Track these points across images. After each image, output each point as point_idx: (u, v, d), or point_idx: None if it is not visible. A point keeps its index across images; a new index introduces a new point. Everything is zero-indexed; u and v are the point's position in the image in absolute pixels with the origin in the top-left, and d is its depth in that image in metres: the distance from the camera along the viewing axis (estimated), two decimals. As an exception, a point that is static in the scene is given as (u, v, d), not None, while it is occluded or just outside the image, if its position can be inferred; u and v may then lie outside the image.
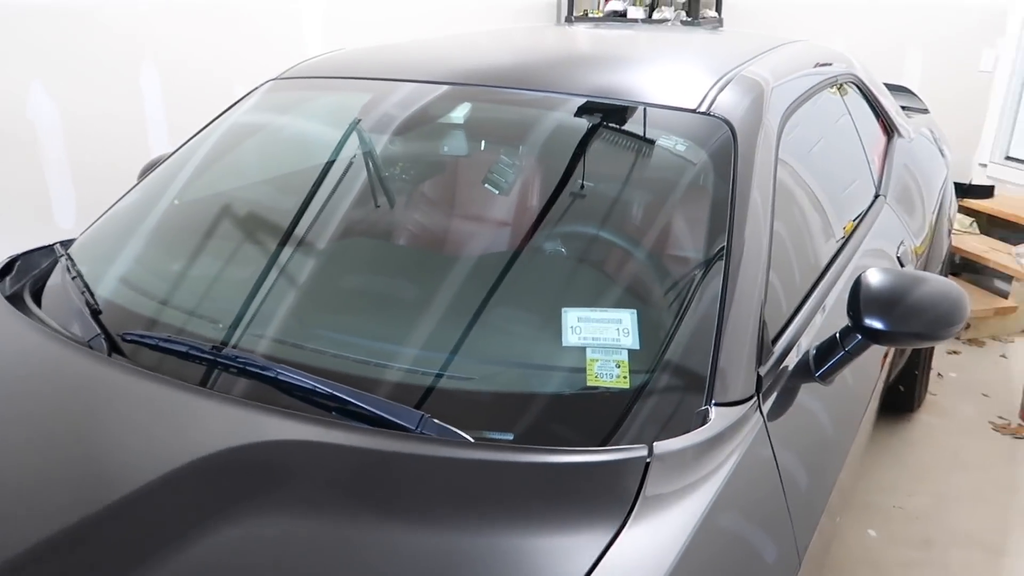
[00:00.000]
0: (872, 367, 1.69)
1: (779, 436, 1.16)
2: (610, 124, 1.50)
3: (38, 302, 1.43)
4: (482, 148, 1.78)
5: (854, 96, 2.30)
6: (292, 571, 0.85)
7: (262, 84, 1.92)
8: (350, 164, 1.68)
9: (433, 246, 1.62)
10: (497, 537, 0.88)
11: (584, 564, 0.84)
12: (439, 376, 1.17)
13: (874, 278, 1.24)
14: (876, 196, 2.16)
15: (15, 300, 1.40)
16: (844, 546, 2.16)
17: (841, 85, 2.18)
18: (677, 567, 0.88)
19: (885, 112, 2.50)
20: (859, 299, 1.22)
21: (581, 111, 1.52)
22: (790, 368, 1.27)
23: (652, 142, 1.49)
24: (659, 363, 1.15)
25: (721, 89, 1.51)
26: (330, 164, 1.67)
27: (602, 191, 1.48)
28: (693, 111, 1.47)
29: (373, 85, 1.75)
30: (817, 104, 1.91)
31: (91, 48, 3.03)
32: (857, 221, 1.93)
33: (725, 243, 1.27)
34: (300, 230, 1.51)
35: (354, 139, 1.73)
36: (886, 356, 1.89)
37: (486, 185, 1.62)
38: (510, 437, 1.06)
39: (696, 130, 1.47)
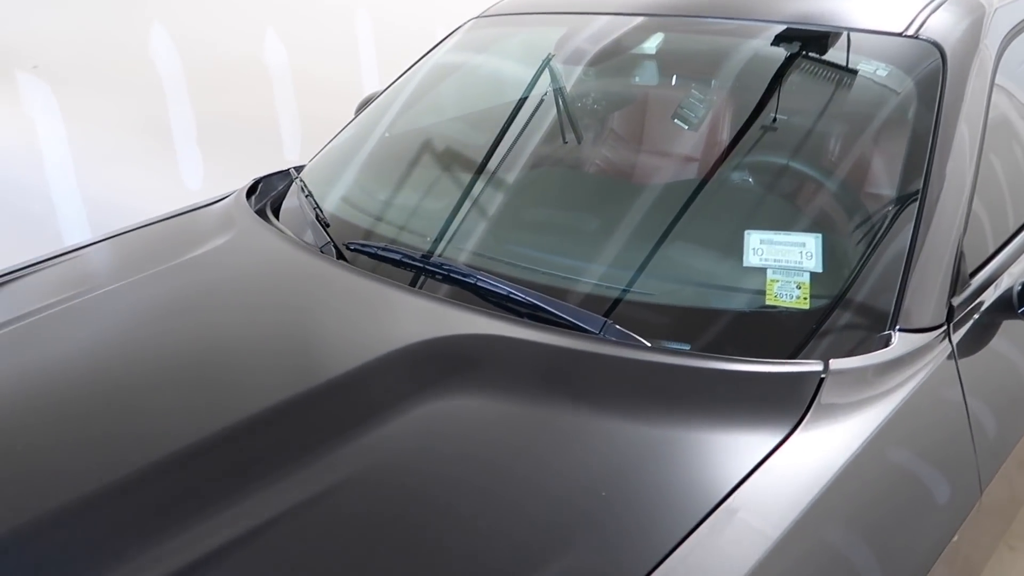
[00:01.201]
0: None
1: (969, 368, 1.13)
2: (806, 50, 1.47)
3: (277, 215, 1.66)
4: (674, 80, 1.80)
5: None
6: (481, 444, 0.97)
7: (465, 23, 2.05)
8: (543, 97, 1.77)
9: (622, 173, 1.68)
10: (669, 430, 0.96)
11: (752, 460, 0.90)
12: (621, 290, 1.24)
13: None
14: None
15: (260, 213, 1.64)
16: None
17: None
18: (846, 470, 0.90)
19: None
20: None
21: (776, 38, 1.50)
22: (989, 302, 1.22)
23: (852, 69, 1.44)
24: (842, 286, 1.15)
25: (934, 10, 1.43)
26: (524, 97, 1.77)
27: (795, 118, 1.46)
28: (900, 35, 1.40)
29: (568, 19, 1.82)
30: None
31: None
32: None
33: (924, 172, 1.22)
34: (497, 157, 1.63)
35: (548, 74, 1.81)
36: None
37: (676, 120, 1.65)
38: (687, 347, 1.12)
39: (902, 55, 1.40)
